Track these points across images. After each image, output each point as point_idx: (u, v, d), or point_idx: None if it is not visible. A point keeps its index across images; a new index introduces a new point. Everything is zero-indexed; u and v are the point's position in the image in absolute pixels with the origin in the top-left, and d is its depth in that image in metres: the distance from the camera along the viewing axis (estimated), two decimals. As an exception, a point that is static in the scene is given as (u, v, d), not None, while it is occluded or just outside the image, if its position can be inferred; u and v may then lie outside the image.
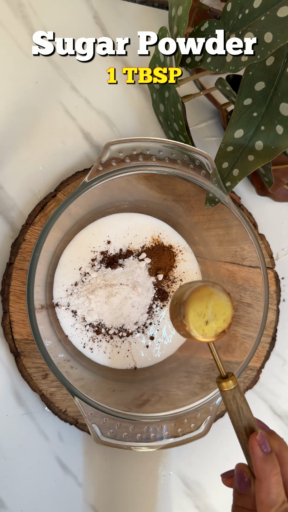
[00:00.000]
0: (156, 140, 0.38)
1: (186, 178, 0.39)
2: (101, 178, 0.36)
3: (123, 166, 0.37)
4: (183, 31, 0.36)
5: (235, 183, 0.39)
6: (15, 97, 0.46)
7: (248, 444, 0.30)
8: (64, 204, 0.35)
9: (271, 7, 0.31)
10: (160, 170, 0.39)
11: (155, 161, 0.38)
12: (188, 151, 0.39)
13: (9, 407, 0.43)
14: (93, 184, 0.36)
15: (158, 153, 0.38)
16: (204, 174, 0.39)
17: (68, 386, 0.34)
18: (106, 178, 0.37)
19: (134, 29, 0.49)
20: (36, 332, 0.34)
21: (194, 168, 0.39)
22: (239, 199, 0.51)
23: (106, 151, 0.36)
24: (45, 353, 0.34)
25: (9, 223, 0.45)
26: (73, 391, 0.33)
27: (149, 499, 0.46)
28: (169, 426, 0.36)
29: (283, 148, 0.36)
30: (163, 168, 0.38)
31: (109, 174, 0.37)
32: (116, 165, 0.37)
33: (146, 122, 0.49)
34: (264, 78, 0.35)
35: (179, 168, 0.38)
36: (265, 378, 0.50)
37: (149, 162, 0.38)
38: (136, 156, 0.37)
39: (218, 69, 0.36)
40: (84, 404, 0.34)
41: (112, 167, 0.37)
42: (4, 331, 0.42)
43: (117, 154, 0.37)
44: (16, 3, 0.46)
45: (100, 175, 0.36)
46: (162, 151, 0.38)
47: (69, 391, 0.33)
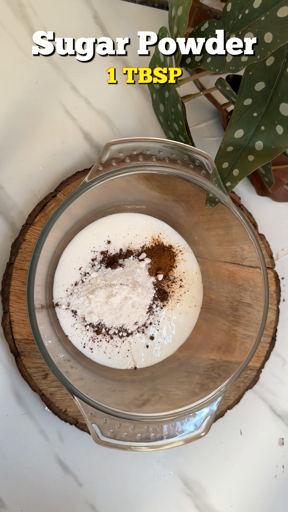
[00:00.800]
0: (156, 140, 0.38)
1: (186, 178, 0.39)
2: (101, 178, 0.36)
3: (123, 166, 0.37)
4: (183, 31, 0.36)
5: (235, 183, 0.39)
6: (15, 97, 0.46)
7: None
8: (64, 204, 0.35)
9: (271, 7, 0.31)
10: (160, 170, 0.39)
11: (155, 161, 0.38)
12: (188, 151, 0.39)
13: (9, 407, 0.43)
14: (93, 184, 0.36)
15: (158, 153, 0.38)
16: (204, 174, 0.39)
17: (68, 386, 0.34)
18: (106, 178, 0.37)
19: (134, 29, 0.49)
20: (36, 332, 0.34)
21: (194, 168, 0.39)
22: (239, 199, 0.51)
23: (106, 151, 0.37)
24: (45, 353, 0.34)
25: (9, 223, 0.45)
26: (73, 391, 0.34)
27: (149, 499, 0.46)
28: (169, 426, 0.36)
29: (283, 148, 0.36)
30: (163, 168, 0.38)
31: (109, 174, 0.37)
32: (116, 165, 0.37)
33: (146, 122, 0.49)
34: (264, 78, 0.35)
35: (179, 168, 0.38)
36: (265, 378, 0.50)
37: (149, 162, 0.38)
38: (136, 156, 0.37)
39: (218, 69, 0.36)
40: (84, 404, 0.34)
41: (112, 167, 0.37)
42: (4, 331, 0.43)
43: (117, 154, 0.37)
44: (16, 3, 0.47)
45: (100, 175, 0.36)
46: (162, 151, 0.38)
47: (69, 391, 0.33)
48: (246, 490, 0.49)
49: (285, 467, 0.50)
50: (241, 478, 0.49)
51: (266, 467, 0.49)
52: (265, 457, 0.50)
